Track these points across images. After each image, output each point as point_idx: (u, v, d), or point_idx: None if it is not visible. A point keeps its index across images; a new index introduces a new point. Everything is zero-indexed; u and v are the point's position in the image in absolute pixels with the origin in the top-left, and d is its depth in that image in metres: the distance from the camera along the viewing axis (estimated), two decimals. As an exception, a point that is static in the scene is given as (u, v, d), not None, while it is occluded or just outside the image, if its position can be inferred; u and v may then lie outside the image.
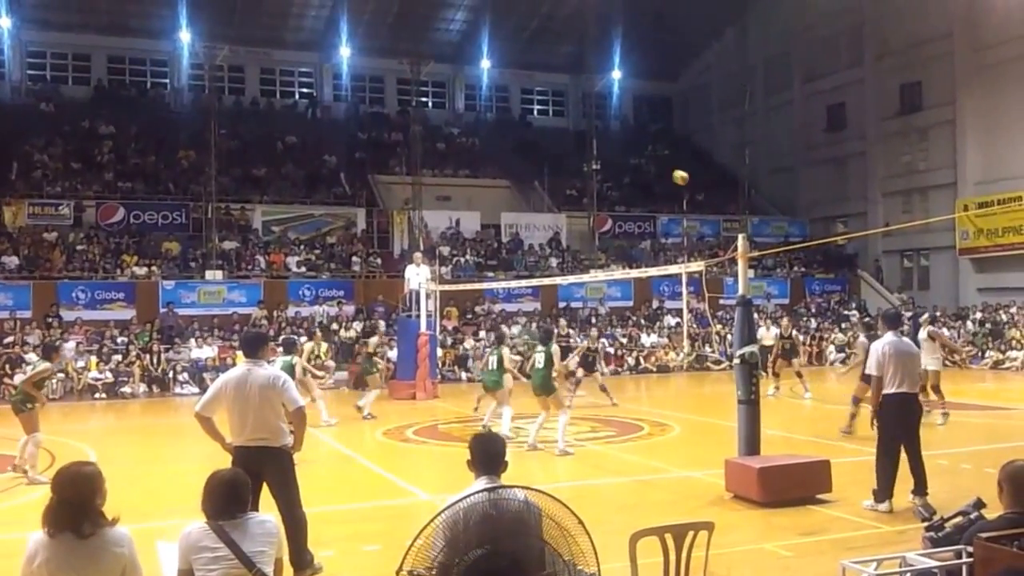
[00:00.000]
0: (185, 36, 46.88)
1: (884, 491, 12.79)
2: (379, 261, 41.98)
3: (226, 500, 6.31)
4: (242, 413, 9.88)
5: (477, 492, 5.76)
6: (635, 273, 34.60)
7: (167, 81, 54.09)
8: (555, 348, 19.79)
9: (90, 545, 5.68)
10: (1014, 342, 39.08)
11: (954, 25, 45.64)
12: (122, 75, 53.24)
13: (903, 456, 12.87)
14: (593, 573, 5.64)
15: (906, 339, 13.81)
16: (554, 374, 19.39)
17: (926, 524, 7.29)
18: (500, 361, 20.76)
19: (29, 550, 5.68)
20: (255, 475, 8.83)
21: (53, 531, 5.66)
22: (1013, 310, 41.32)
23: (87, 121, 47.61)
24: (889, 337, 13.22)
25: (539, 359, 19.49)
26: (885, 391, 12.89)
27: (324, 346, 27.43)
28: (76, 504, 5.73)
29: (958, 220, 43.74)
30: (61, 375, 30.95)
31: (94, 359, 32.66)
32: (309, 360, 24.34)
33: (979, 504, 6.84)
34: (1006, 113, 43.01)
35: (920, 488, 12.73)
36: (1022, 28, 42.26)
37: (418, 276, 29.89)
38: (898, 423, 12.87)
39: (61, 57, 52.26)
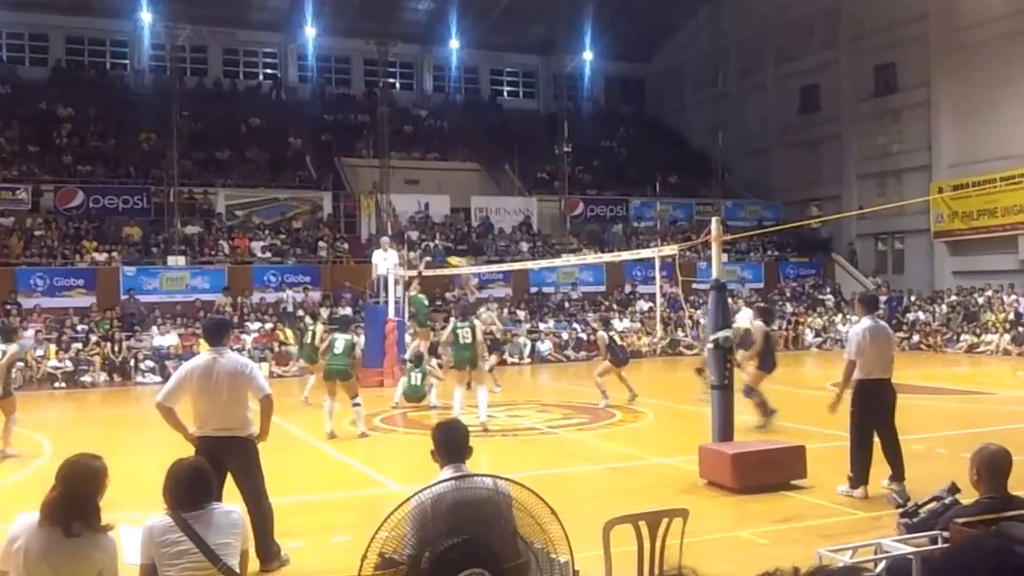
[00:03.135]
0: (146, 16, 45.87)
1: (859, 477, 12.86)
2: (346, 246, 41.42)
3: (189, 489, 6.23)
4: (208, 402, 9.76)
5: (444, 481, 5.83)
6: (607, 257, 34.19)
7: (127, 62, 52.92)
8: (478, 323, 20.67)
9: (73, 544, 5.72)
10: (990, 325, 38.76)
11: (929, 6, 45.13)
12: (81, 56, 52.09)
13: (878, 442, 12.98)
14: (566, 561, 5.64)
15: (883, 323, 13.83)
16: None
17: (901, 510, 7.19)
18: (474, 334, 20.25)
19: (13, 530, 5.76)
20: (219, 466, 8.77)
21: (44, 522, 5.73)
22: (988, 293, 40.96)
23: (45, 103, 46.56)
24: (867, 322, 13.27)
25: (466, 333, 19.85)
26: (860, 376, 12.96)
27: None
28: (76, 499, 5.82)
29: (933, 203, 43.38)
30: (20, 363, 29.85)
31: (53, 347, 32.13)
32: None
33: (953, 489, 6.83)
34: (981, 95, 42.49)
35: (897, 474, 12.77)
36: (997, 9, 41.81)
37: (386, 261, 29.29)
38: (873, 409, 12.91)
39: (17, 37, 50.99)
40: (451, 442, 6.45)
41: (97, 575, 5.79)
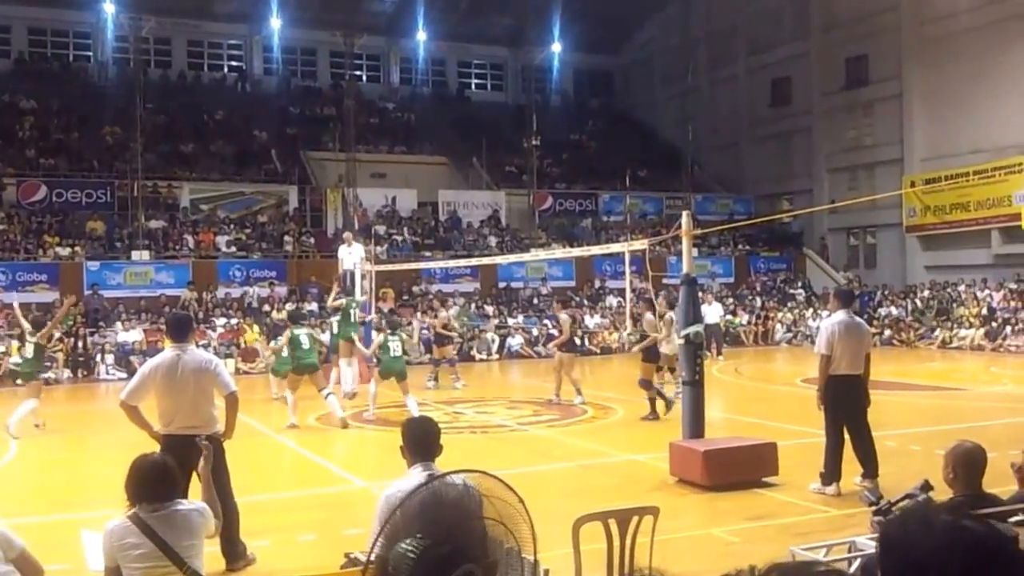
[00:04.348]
0: (109, 7, 45.44)
1: (831, 473, 12.83)
2: (312, 241, 41.03)
3: (153, 485, 6.10)
4: (173, 400, 9.66)
5: (415, 481, 5.53)
6: (576, 252, 34.25)
7: (91, 54, 52.25)
8: (405, 336, 21.96)
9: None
10: (964, 320, 38.65)
11: (901, -3, 44.92)
12: (44, 47, 51.42)
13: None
14: (535, 560, 5.32)
15: (857, 318, 13.71)
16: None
17: (874, 508, 6.97)
18: (403, 346, 21.22)
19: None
20: (185, 464, 8.51)
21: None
22: (961, 288, 40.88)
23: (7, 95, 46.00)
24: (840, 316, 13.21)
25: (396, 346, 20.61)
26: (832, 372, 12.91)
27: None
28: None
29: (905, 197, 43.18)
30: None
31: (15, 343, 31.35)
32: None
33: (926, 487, 6.65)
34: (953, 88, 42.32)
35: (870, 471, 12.70)
36: (968, 1, 41.63)
37: (351, 256, 28.75)
38: (844, 405, 12.90)
39: (-22, 29, 50.35)
40: (421, 439, 6.35)
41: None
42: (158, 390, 9.68)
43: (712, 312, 34.70)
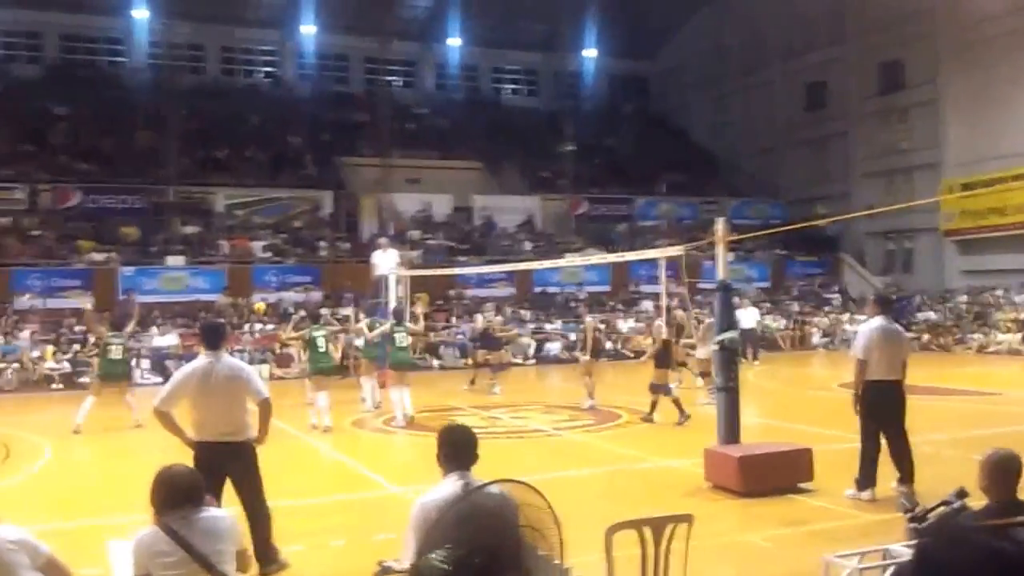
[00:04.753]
0: (141, 13, 45.60)
1: (866, 479, 12.76)
2: (347, 246, 40.92)
3: (178, 495, 6.02)
4: (206, 407, 9.64)
5: (450, 490, 5.74)
6: (612, 257, 34.23)
7: (124, 60, 52.46)
8: (411, 326, 22.04)
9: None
10: (1001, 325, 38.38)
11: (936, 2, 44.76)
12: (76, 54, 51.74)
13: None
14: (568, 567, 5.50)
15: (895, 324, 13.62)
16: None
17: (909, 515, 6.83)
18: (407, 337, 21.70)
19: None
20: (219, 471, 9.04)
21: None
22: (999, 292, 40.70)
23: (40, 101, 46.17)
24: (878, 321, 13.14)
25: (402, 338, 21.09)
26: (869, 377, 12.82)
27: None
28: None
29: (942, 201, 42.99)
30: (16, 365, 30.41)
31: (51, 348, 31.65)
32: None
33: (962, 493, 6.56)
34: (990, 92, 42.14)
35: (906, 477, 12.64)
36: (1005, 4, 41.35)
37: (386, 261, 28.91)
38: (880, 410, 12.81)
39: (11, 35, 50.48)
40: (458, 448, 6.25)
41: (27, 559, 5.65)
42: (191, 397, 9.70)
43: (748, 316, 34.44)
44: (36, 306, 34.25)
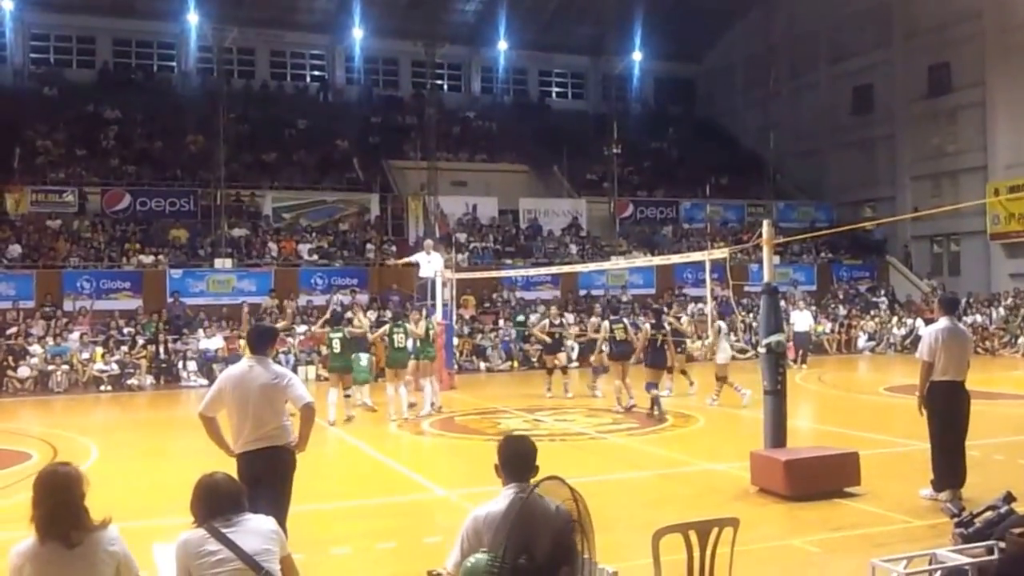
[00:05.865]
0: (193, 18, 46.01)
1: (940, 479, 12.61)
2: (394, 248, 40.96)
3: (219, 502, 6.02)
4: (241, 413, 9.45)
5: (506, 503, 5.74)
6: (657, 260, 34.12)
7: (174, 64, 53.00)
8: (410, 327, 22.24)
9: (76, 554, 5.53)
10: (1049, 329, 37.96)
11: (984, 5, 44.61)
12: (128, 58, 52.25)
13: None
14: (615, 572, 5.75)
15: (960, 326, 13.57)
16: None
17: (956, 520, 7.08)
18: (406, 336, 22.20)
19: (13, 561, 5.50)
20: (258, 480, 8.81)
21: (44, 540, 5.50)
22: (1046, 296, 40.19)
23: (92, 105, 46.66)
24: (944, 323, 12.98)
25: (399, 339, 21.84)
26: (934, 378, 12.73)
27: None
28: (68, 506, 5.61)
29: (989, 204, 42.70)
30: (66, 367, 30.69)
31: (100, 350, 31.97)
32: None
33: (1009, 498, 6.72)
34: (1038, 95, 41.73)
35: (956, 482, 12.49)
36: (1053, 7, 40.94)
37: (430, 265, 28.90)
38: (947, 410, 12.67)
39: (65, 40, 51.21)
40: (517, 460, 6.23)
41: (116, 570, 5.65)
42: (228, 403, 9.56)
43: (802, 320, 34.36)
44: (86, 308, 34.49)
